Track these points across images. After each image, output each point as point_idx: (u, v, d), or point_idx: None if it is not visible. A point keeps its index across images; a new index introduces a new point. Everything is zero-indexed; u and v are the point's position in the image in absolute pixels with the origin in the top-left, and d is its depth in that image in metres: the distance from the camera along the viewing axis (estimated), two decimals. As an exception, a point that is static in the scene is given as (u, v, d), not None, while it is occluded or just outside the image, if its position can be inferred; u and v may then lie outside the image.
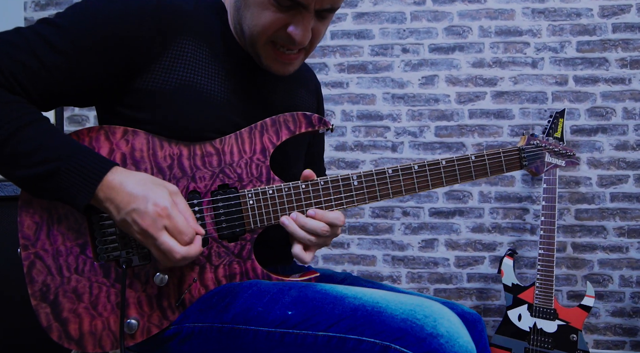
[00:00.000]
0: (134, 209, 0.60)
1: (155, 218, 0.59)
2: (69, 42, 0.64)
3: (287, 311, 0.61)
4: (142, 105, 0.68)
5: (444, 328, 0.56)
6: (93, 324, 0.65)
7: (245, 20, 0.69)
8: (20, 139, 0.60)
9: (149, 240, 0.60)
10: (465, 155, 0.78)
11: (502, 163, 0.81)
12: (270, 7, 0.65)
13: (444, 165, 0.77)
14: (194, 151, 0.70)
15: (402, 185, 0.76)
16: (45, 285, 0.64)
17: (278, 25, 0.67)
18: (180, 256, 0.60)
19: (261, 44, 0.70)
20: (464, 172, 0.78)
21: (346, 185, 0.74)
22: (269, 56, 0.72)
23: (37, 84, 0.63)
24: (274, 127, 0.74)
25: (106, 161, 0.63)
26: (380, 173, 0.75)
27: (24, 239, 0.64)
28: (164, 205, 0.61)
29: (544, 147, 0.89)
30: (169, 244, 0.60)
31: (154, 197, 0.60)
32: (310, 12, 0.66)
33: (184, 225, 0.61)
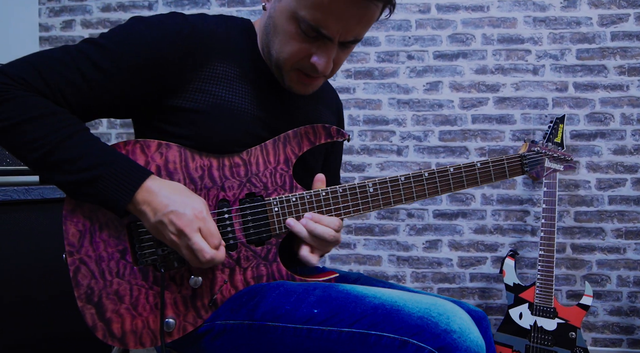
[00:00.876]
0: (172, 211, 0.65)
1: (193, 220, 0.66)
2: (110, 62, 0.69)
3: (313, 309, 0.67)
4: (177, 121, 0.74)
5: (456, 324, 0.62)
6: (134, 323, 0.71)
7: (274, 46, 0.74)
8: (66, 147, 0.66)
9: (182, 239, 0.66)
10: (472, 162, 0.84)
11: (505, 169, 0.86)
12: (296, 36, 0.70)
13: (452, 172, 0.83)
14: (223, 162, 0.76)
15: (413, 191, 0.82)
16: (90, 288, 0.70)
17: (302, 54, 0.72)
18: (210, 256, 0.66)
19: (287, 69, 0.75)
20: (470, 178, 0.84)
21: (362, 192, 0.80)
22: (292, 79, 0.77)
23: (80, 97, 0.70)
24: (295, 139, 0.80)
25: (144, 169, 0.69)
26: (394, 180, 0.81)
27: (69, 246, 0.70)
28: (201, 209, 0.67)
29: (544, 154, 0.94)
30: (201, 244, 0.66)
31: (191, 202, 0.67)
32: (335, 44, 0.70)
33: (215, 230, 0.68)
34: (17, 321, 1.17)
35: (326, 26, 0.67)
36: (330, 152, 1.00)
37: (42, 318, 1.22)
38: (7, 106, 0.65)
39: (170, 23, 0.72)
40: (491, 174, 0.85)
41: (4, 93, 0.65)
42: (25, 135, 0.65)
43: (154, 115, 0.75)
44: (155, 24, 0.72)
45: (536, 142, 0.95)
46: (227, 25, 0.79)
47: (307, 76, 0.76)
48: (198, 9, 2.02)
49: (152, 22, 0.72)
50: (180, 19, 0.74)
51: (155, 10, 2.05)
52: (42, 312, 1.22)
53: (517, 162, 0.88)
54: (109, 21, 2.07)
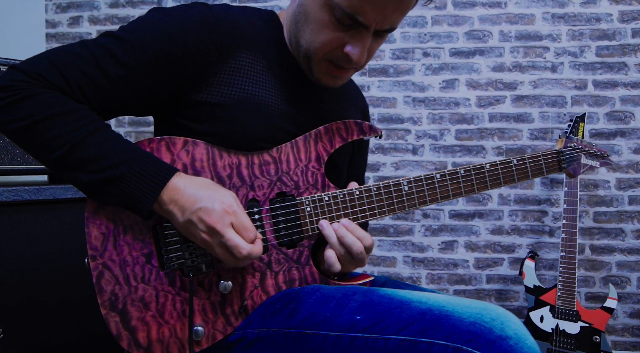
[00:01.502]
0: (201, 208, 0.61)
1: (223, 215, 0.61)
2: (131, 56, 0.66)
3: (355, 316, 0.63)
4: (201, 117, 0.70)
5: (511, 330, 0.58)
6: (160, 332, 0.66)
7: (304, 35, 0.70)
8: (87, 145, 0.62)
9: (215, 237, 0.62)
10: (508, 159, 0.80)
11: (542, 166, 0.83)
12: (330, 25, 0.66)
13: (488, 169, 0.79)
14: (252, 160, 0.72)
15: (449, 189, 0.78)
16: (114, 295, 0.65)
17: (336, 44, 0.68)
18: (246, 252, 0.62)
19: (317, 60, 0.71)
20: (507, 175, 0.80)
21: (397, 191, 0.76)
22: (321, 70, 0.73)
23: (100, 94, 0.66)
24: (327, 135, 0.76)
25: (169, 166, 0.65)
26: (429, 178, 0.77)
27: (92, 250, 0.66)
28: (230, 203, 0.63)
29: (581, 149, 0.91)
30: (236, 240, 0.61)
31: (219, 196, 0.63)
32: (370, 32, 0.67)
33: (249, 223, 0.64)
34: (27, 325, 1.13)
35: (363, 13, 0.63)
36: (357, 152, 0.95)
37: (52, 323, 1.18)
38: (25, 104, 0.62)
39: (193, 13, 0.68)
40: (528, 171, 0.82)
41: (21, 91, 0.62)
42: (45, 133, 0.62)
43: (177, 111, 0.71)
44: (178, 15, 0.68)
45: (572, 138, 0.91)
46: (252, 16, 0.75)
47: (338, 68, 0.72)
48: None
49: (175, 12, 0.69)
50: (204, 9, 0.70)
51: (165, 5, 2.00)
52: (52, 316, 1.18)
53: (554, 159, 0.84)
54: (117, 17, 2.03)
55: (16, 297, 1.12)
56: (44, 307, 1.17)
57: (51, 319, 1.17)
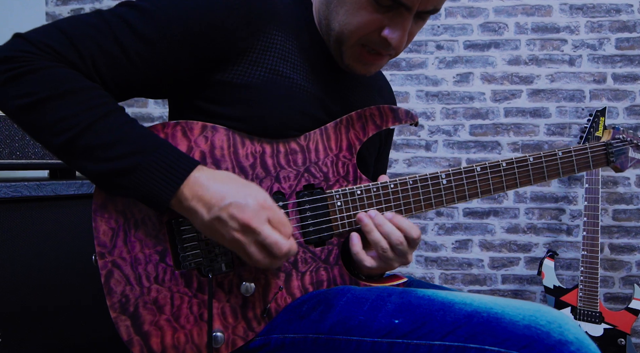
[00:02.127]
0: (232, 203, 0.54)
1: (258, 210, 0.55)
2: (154, 30, 0.59)
3: (393, 319, 0.57)
4: (223, 99, 0.63)
5: (572, 334, 0.52)
6: (176, 337, 0.60)
7: (337, 17, 0.63)
8: (98, 130, 0.55)
9: (249, 235, 0.55)
10: (552, 151, 0.75)
11: (589, 159, 0.78)
12: (367, 6, 0.60)
13: (532, 162, 0.74)
14: (277, 148, 0.65)
15: (490, 183, 0.72)
16: (125, 296, 0.59)
17: (374, 27, 0.62)
18: (287, 249, 0.56)
19: (350, 44, 0.65)
20: (552, 169, 0.75)
21: (435, 184, 0.70)
22: (353, 55, 0.66)
23: (116, 71, 0.59)
24: (360, 122, 0.69)
25: (190, 158, 0.58)
26: (469, 171, 0.71)
27: (100, 246, 0.59)
28: (264, 197, 0.57)
29: (629, 142, 0.85)
30: (275, 237, 0.55)
31: (251, 191, 0.56)
32: (412, 14, 0.60)
33: (285, 218, 0.58)
34: (28, 328, 1.06)
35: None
36: (384, 145, 0.89)
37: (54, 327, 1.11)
38: (30, 79, 0.54)
39: None
40: (574, 165, 0.76)
41: (27, 63, 0.54)
42: (50, 114, 0.54)
43: (198, 92, 0.64)
44: None
45: (618, 129, 0.85)
46: None
47: (371, 54, 0.66)
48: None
49: None
50: None
51: (169, -3, 1.94)
52: (54, 320, 1.11)
53: (602, 152, 0.78)
54: (119, 9, 1.96)
55: (15, 298, 1.05)
56: (44, 310, 1.11)
57: (53, 323, 1.10)
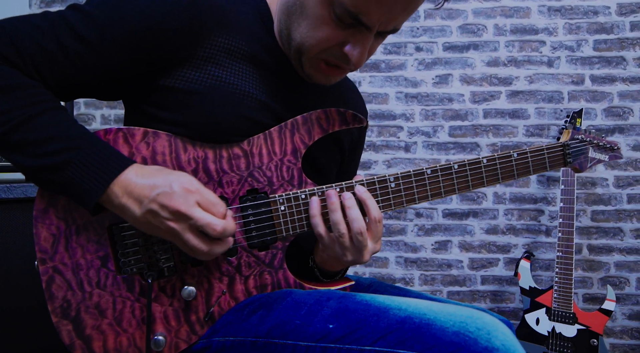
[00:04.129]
0: (159, 193, 0.55)
1: (186, 195, 0.56)
2: (95, 32, 0.60)
3: (328, 324, 0.58)
4: (167, 105, 0.64)
5: (499, 341, 0.53)
6: (118, 341, 0.61)
7: (298, 29, 0.63)
8: (34, 126, 0.56)
9: (182, 221, 0.56)
10: (507, 153, 0.74)
11: (545, 160, 0.77)
12: (330, 22, 0.60)
13: (485, 164, 0.73)
14: (220, 153, 0.66)
15: (441, 186, 0.72)
16: (66, 301, 0.60)
17: (335, 42, 0.62)
18: (221, 228, 0.56)
19: (310, 56, 0.64)
20: (506, 171, 0.74)
21: (383, 188, 0.70)
22: (313, 67, 0.66)
23: (56, 71, 0.60)
24: (305, 126, 0.69)
25: (124, 157, 0.59)
26: (419, 174, 0.71)
27: (41, 252, 0.60)
28: (190, 180, 0.57)
29: (589, 142, 0.84)
30: (207, 218, 0.56)
31: (176, 177, 0.57)
32: (372, 33, 0.61)
33: (215, 197, 0.58)
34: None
35: (367, 13, 0.57)
36: (352, 152, 0.88)
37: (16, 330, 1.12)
38: None
39: None
40: (530, 166, 0.76)
41: None
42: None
43: (143, 97, 0.65)
44: None
45: (579, 129, 0.84)
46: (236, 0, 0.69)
47: (331, 67, 0.66)
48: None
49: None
50: None
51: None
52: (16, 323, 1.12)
53: (559, 152, 0.78)
54: (101, 11, 1.97)
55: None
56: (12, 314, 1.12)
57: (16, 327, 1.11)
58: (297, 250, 0.74)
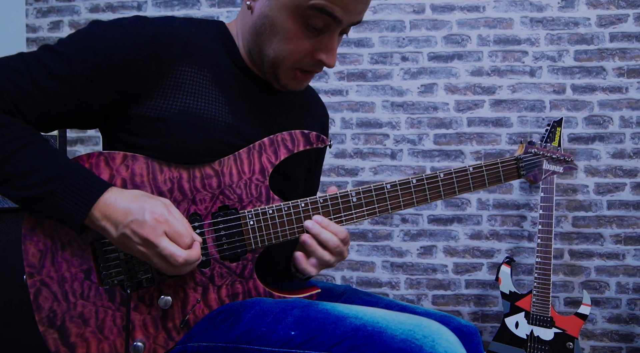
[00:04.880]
0: (132, 220, 0.61)
1: (155, 225, 0.61)
2: (67, 69, 0.65)
3: (290, 331, 0.63)
4: (141, 132, 0.70)
5: (442, 347, 0.58)
6: (100, 348, 0.66)
7: (271, 45, 0.70)
8: (18, 160, 0.62)
9: (150, 248, 0.62)
10: (463, 167, 0.80)
11: (500, 173, 0.82)
12: (299, 34, 0.68)
13: (442, 178, 0.78)
14: (194, 174, 0.71)
15: (400, 200, 0.77)
16: (52, 311, 0.65)
17: (306, 52, 0.70)
18: (182, 259, 0.62)
19: (285, 68, 0.72)
20: (462, 184, 0.80)
21: (345, 202, 0.76)
22: (288, 77, 0.74)
23: (35, 108, 0.65)
24: (272, 147, 0.75)
25: (102, 182, 0.64)
26: (379, 188, 0.77)
27: (29, 267, 0.65)
28: (161, 212, 0.63)
29: (542, 155, 0.89)
30: (170, 249, 0.61)
31: (149, 207, 0.62)
32: (338, 30, 0.69)
33: (182, 229, 0.63)
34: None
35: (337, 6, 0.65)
36: (316, 162, 0.95)
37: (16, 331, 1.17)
38: None
39: (132, 25, 0.68)
40: (485, 179, 0.81)
41: None
42: None
43: (118, 125, 0.71)
44: (116, 27, 0.67)
45: (534, 143, 0.89)
46: (197, 28, 0.74)
47: (304, 73, 0.74)
48: (187, 10, 1.98)
49: (112, 24, 0.68)
50: (143, 21, 0.69)
51: (145, 11, 2.00)
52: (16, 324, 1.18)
53: (512, 166, 0.83)
54: (97, 22, 2.03)
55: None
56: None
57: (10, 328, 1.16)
58: (267, 259, 0.79)
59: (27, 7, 2.05)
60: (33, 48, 2.06)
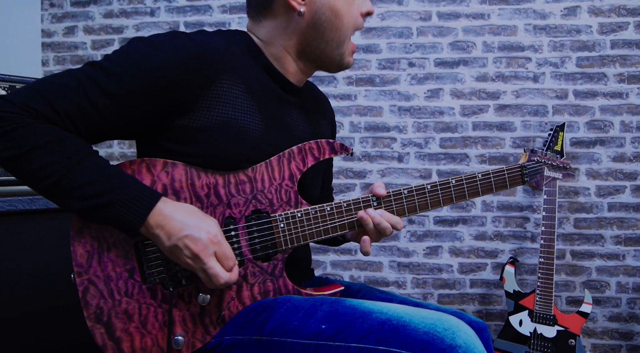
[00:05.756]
0: (187, 235, 0.66)
1: (208, 245, 0.67)
2: (118, 87, 0.69)
3: (321, 325, 0.68)
4: (183, 140, 0.75)
5: (461, 339, 0.63)
6: (143, 341, 0.71)
7: (335, 26, 0.82)
8: (76, 173, 0.66)
9: (197, 263, 0.67)
10: (473, 174, 0.86)
11: (506, 180, 0.88)
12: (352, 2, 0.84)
13: (454, 184, 0.84)
14: (228, 180, 0.76)
15: (416, 204, 0.83)
16: (99, 308, 0.70)
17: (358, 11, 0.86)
18: (224, 281, 0.68)
19: (349, 39, 0.85)
20: (472, 189, 0.86)
21: (367, 206, 0.81)
22: (349, 50, 0.86)
23: (88, 123, 0.69)
24: (300, 155, 0.80)
25: (154, 192, 0.69)
26: (397, 194, 0.82)
27: (77, 267, 0.70)
28: (215, 232, 0.68)
29: (544, 163, 0.95)
30: (216, 269, 0.67)
31: (206, 226, 0.68)
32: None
33: (230, 253, 0.69)
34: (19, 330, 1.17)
35: None
36: (328, 166, 1.02)
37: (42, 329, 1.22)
38: (16, 134, 0.65)
39: (174, 43, 0.72)
40: (492, 185, 0.87)
41: (12, 122, 0.65)
42: (35, 162, 0.65)
43: (160, 134, 0.76)
44: (160, 45, 0.71)
45: (536, 151, 0.96)
46: (228, 40, 0.79)
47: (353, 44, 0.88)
48: (199, 16, 2.03)
49: (156, 42, 0.72)
50: (184, 38, 0.73)
51: (158, 16, 2.05)
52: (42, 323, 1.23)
53: (517, 172, 0.89)
54: (111, 27, 2.08)
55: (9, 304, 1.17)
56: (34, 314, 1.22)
57: (41, 325, 1.22)
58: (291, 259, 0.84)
59: (43, 13, 2.10)
60: (48, 53, 2.11)
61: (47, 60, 2.12)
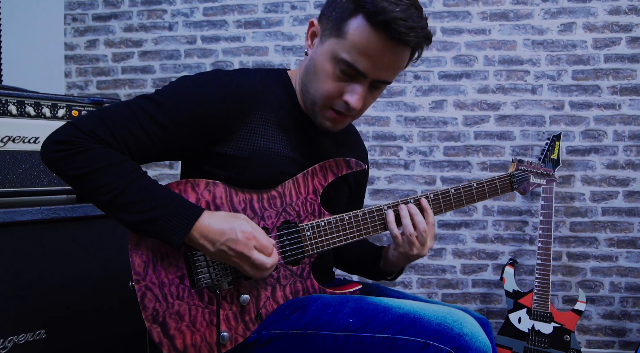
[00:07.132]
0: (227, 239, 0.77)
1: (246, 242, 0.78)
2: (167, 118, 0.81)
3: (349, 319, 0.80)
4: (221, 165, 0.86)
5: (467, 329, 0.75)
6: (193, 338, 0.83)
7: (312, 84, 0.86)
8: (131, 191, 0.77)
9: (244, 260, 0.78)
10: (469, 183, 0.98)
11: (497, 188, 1.01)
12: (333, 76, 0.82)
13: (453, 193, 0.97)
14: (262, 196, 0.88)
15: None
16: (155, 310, 0.81)
17: (337, 92, 0.83)
18: (270, 265, 0.79)
19: (321, 106, 0.87)
20: (468, 197, 0.98)
21: (380, 215, 0.93)
22: (324, 116, 0.88)
23: (140, 148, 0.81)
24: (322, 172, 0.92)
25: (196, 207, 0.80)
26: (406, 204, 0.93)
27: (136, 275, 0.81)
28: (249, 230, 0.79)
29: (529, 171, 1.09)
30: (261, 259, 0.78)
31: (239, 226, 0.78)
32: (367, 81, 0.82)
33: (266, 241, 0.80)
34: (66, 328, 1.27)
35: (361, 63, 0.79)
36: (357, 188, 1.11)
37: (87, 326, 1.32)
38: (82, 157, 0.76)
39: (217, 82, 0.84)
40: (486, 192, 1.00)
41: (80, 146, 0.76)
42: (97, 181, 0.76)
43: (202, 159, 0.87)
44: (204, 83, 0.84)
45: (522, 161, 1.09)
46: (265, 79, 0.91)
47: (338, 114, 0.87)
48: (216, 30, 2.14)
49: (201, 81, 0.84)
50: (225, 78, 0.85)
51: (176, 31, 2.16)
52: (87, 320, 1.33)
53: (507, 181, 1.02)
54: (131, 41, 2.19)
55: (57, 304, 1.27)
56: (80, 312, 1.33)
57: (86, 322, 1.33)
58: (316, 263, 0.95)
59: (66, 27, 2.21)
60: (71, 65, 2.22)
61: (69, 71, 2.23)
